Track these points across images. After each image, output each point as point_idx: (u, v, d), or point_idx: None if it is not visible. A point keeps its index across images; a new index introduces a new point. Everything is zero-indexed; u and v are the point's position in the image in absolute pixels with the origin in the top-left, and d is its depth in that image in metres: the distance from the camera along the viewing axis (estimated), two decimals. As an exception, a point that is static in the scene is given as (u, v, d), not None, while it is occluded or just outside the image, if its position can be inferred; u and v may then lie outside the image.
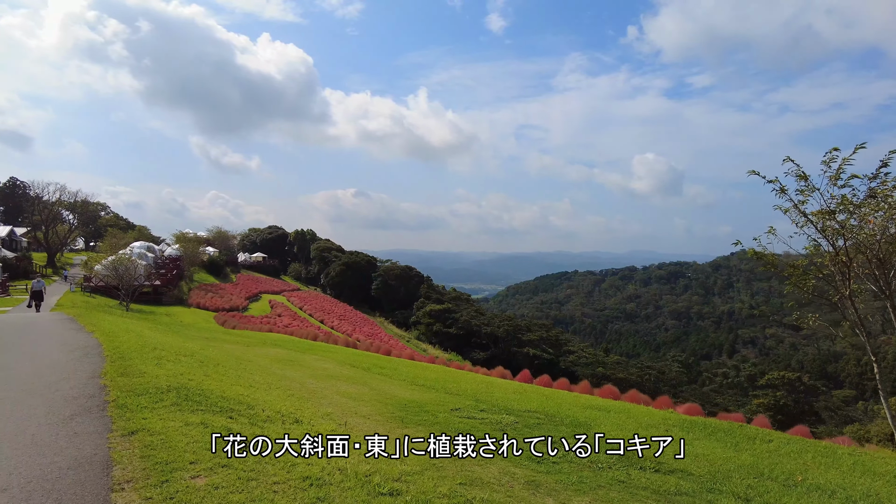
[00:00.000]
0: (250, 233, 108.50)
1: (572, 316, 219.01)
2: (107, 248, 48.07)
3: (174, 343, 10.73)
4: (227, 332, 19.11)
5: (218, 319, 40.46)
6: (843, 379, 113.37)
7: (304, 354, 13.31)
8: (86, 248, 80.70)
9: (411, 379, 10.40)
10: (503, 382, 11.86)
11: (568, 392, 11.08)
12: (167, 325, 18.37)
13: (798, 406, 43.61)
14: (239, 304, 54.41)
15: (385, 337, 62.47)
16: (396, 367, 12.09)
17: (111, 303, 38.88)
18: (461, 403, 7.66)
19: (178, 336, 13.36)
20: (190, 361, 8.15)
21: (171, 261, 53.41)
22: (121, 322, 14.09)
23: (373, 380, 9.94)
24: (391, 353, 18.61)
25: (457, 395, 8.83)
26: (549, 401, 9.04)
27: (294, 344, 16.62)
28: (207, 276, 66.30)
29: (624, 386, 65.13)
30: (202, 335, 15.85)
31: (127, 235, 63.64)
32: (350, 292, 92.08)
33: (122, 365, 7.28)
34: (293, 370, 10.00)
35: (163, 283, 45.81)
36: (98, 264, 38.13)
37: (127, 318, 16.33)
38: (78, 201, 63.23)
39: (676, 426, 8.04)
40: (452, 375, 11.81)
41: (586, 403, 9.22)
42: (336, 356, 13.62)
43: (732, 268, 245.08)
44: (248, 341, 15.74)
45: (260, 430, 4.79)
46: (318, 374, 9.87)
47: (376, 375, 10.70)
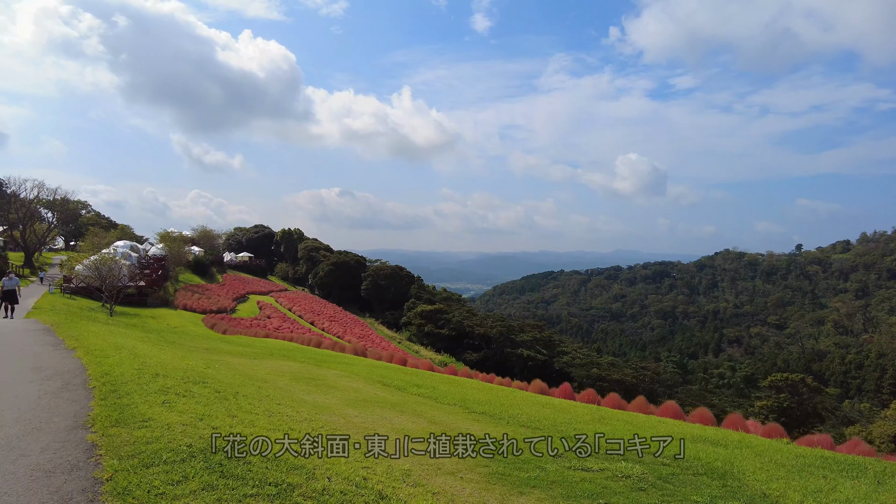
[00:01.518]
0: (236, 232, 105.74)
1: (559, 315, 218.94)
2: (88, 248, 45.47)
3: (175, 361, 8.88)
4: (223, 340, 17.17)
5: (206, 322, 38.36)
6: (829, 377, 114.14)
7: (321, 368, 11.52)
8: (66, 248, 77.52)
9: (461, 402, 8.73)
10: (569, 404, 10.25)
11: (654, 417, 9.49)
12: (157, 332, 16.20)
13: (801, 408, 42.83)
14: (226, 306, 52.29)
15: (376, 338, 60.83)
16: (434, 385, 10.41)
17: (93, 305, 36.51)
18: (551, 442, 6.04)
19: (174, 349, 11.43)
20: (204, 393, 6.36)
21: (156, 261, 50.94)
22: (107, 333, 12.06)
23: (419, 405, 8.26)
24: (406, 363, 16.92)
25: (533, 427, 7.19)
26: (642, 430, 7.45)
27: (303, 354, 14.77)
28: (193, 277, 63.83)
29: (620, 388, 64.29)
30: (199, 344, 13.91)
31: (109, 234, 60.88)
32: (339, 293, 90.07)
33: (117, 405, 5.43)
34: (322, 394, 8.26)
35: (148, 284, 43.42)
36: (79, 264, 35.70)
37: (113, 326, 14.18)
38: (57, 199, 60.33)
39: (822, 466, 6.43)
40: (502, 396, 10.15)
41: (694, 434, 7.64)
42: (357, 370, 11.88)
43: (717, 267, 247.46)
44: (252, 351, 13.86)
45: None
46: (353, 398, 8.16)
47: (417, 398, 9.00)
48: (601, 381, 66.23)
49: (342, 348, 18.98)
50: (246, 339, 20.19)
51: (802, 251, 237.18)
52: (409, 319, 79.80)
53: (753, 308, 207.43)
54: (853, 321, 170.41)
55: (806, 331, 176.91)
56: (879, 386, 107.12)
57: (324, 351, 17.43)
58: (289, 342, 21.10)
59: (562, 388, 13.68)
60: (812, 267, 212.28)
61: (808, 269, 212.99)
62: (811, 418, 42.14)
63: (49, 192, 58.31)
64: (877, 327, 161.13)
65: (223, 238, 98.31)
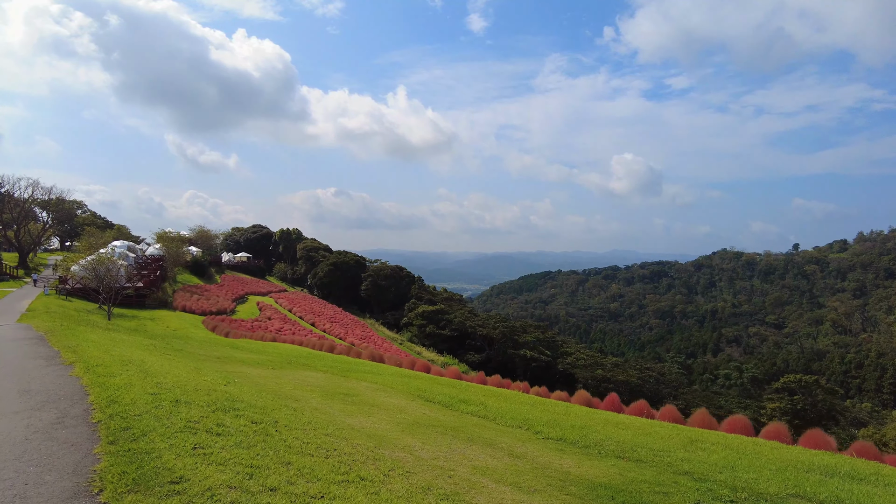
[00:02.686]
0: (233, 232, 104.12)
1: (557, 315, 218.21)
2: (84, 248, 43.91)
3: (191, 377, 7.46)
4: (232, 345, 15.79)
5: (207, 324, 36.94)
6: (828, 377, 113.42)
7: (349, 380, 10.19)
8: (61, 248, 75.80)
9: (524, 423, 7.45)
10: (644, 423, 8.93)
11: (746, 439, 8.24)
12: (162, 338, 14.71)
13: (815, 410, 41.78)
14: (226, 307, 50.86)
15: (378, 340, 59.56)
16: (482, 402, 9.09)
17: (90, 306, 35.05)
18: (672, 481, 4.79)
19: (185, 359, 9.98)
20: (240, 427, 5.01)
21: (154, 261, 49.45)
22: (109, 342, 10.38)
23: (481, 429, 6.97)
24: (430, 370, 15.61)
25: (635, 459, 5.92)
26: (757, 459, 6.22)
27: (321, 361, 13.41)
28: (191, 277, 62.30)
29: (625, 389, 63.19)
30: (209, 352, 12.50)
31: (105, 234, 59.31)
32: (338, 293, 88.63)
33: (133, 452, 4.15)
34: (367, 416, 6.96)
35: (146, 285, 41.93)
36: (75, 265, 34.20)
37: (113, 333, 12.57)
38: (52, 199, 58.71)
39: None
40: (562, 414, 8.84)
41: (803, 463, 6.38)
42: (386, 380, 10.56)
43: (714, 267, 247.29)
44: (267, 359, 12.48)
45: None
46: (403, 421, 6.88)
47: (473, 418, 7.70)
48: (606, 383, 65.10)
49: (358, 354, 17.65)
50: (255, 343, 18.80)
51: (800, 251, 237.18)
52: (409, 320, 78.47)
53: (751, 308, 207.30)
54: (851, 321, 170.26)
55: (804, 330, 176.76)
56: (880, 385, 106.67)
57: (341, 357, 16.08)
58: (300, 346, 19.70)
59: (609, 398, 12.44)
60: (810, 266, 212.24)
61: (805, 268, 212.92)
62: (825, 420, 41.11)
63: (44, 191, 56.74)
64: (875, 327, 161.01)
65: (221, 238, 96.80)
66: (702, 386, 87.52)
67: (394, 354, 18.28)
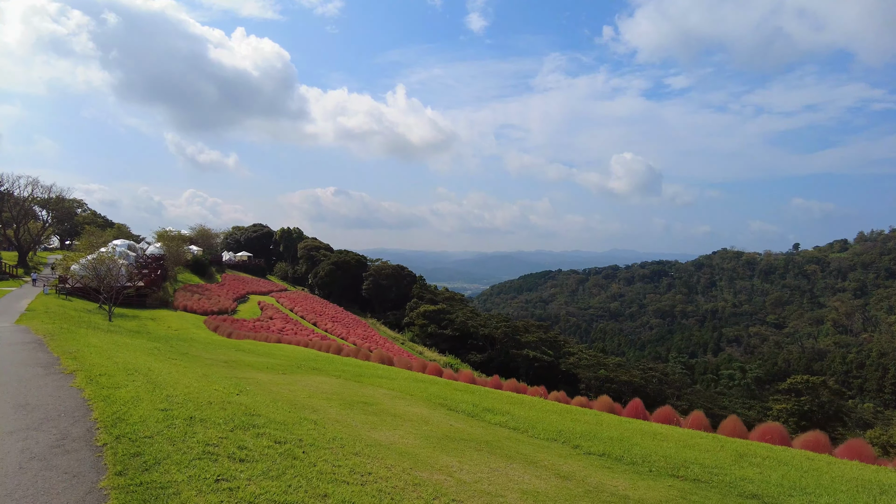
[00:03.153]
0: (234, 231, 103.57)
1: (557, 315, 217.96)
2: (84, 247, 43.31)
3: (202, 387, 6.80)
4: (237, 348, 15.20)
5: (209, 325, 36.42)
6: (829, 377, 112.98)
7: (364, 386, 9.60)
8: (61, 247, 75.19)
9: (560, 436, 6.88)
10: (683, 434, 8.29)
11: (801, 452, 7.61)
12: (165, 340, 14.11)
13: (822, 411, 41.26)
14: (227, 307, 50.36)
15: (380, 339, 59.14)
16: (507, 410, 8.51)
17: (90, 306, 34.51)
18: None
19: (193, 364, 9.34)
20: (264, 450, 4.40)
21: (154, 260, 48.88)
22: (111, 347, 9.72)
23: (515, 442, 6.43)
24: (442, 374, 15.04)
25: (691, 479, 5.38)
26: (818, 479, 5.68)
27: (331, 365, 12.82)
28: (192, 277, 61.74)
29: (629, 390, 62.68)
30: (216, 355, 11.91)
31: (105, 233, 58.72)
32: (339, 292, 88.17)
33: (146, 487, 3.58)
34: (391, 428, 6.40)
35: (146, 285, 41.36)
36: (75, 264, 33.64)
37: (115, 335, 11.90)
38: (52, 197, 58.09)
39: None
40: (596, 424, 8.24)
41: (872, 482, 5.84)
42: (403, 386, 9.98)
43: (715, 266, 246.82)
44: (276, 363, 11.89)
45: None
46: (431, 434, 6.32)
47: (504, 430, 7.14)
48: (609, 383, 64.62)
49: (366, 356, 17.06)
50: (260, 345, 18.23)
51: (800, 250, 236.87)
52: (411, 320, 78.01)
53: (752, 307, 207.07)
54: (852, 320, 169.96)
55: (805, 330, 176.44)
56: (881, 385, 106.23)
57: (351, 360, 15.48)
58: (306, 348, 19.12)
59: (633, 404, 11.87)
60: (810, 266, 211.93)
61: (806, 268, 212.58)
62: (832, 422, 40.61)
63: (43, 189, 56.13)
64: (876, 326, 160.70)
65: (221, 237, 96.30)
66: (703, 385, 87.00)
67: (400, 356, 17.68)
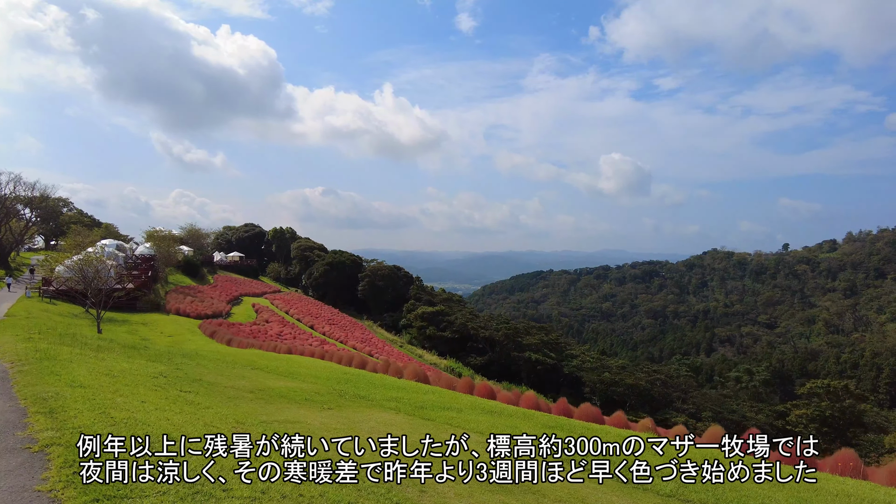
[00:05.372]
0: (225, 231, 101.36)
1: (549, 315, 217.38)
2: (70, 247, 41.25)
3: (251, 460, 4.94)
4: (252, 364, 13.18)
5: (204, 330, 34.68)
6: (824, 377, 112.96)
7: (438, 426, 7.56)
8: (46, 247, 72.67)
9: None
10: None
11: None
12: (167, 356, 11.96)
13: (844, 417, 40.26)
14: (221, 310, 48.56)
15: (378, 343, 57.67)
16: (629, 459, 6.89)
17: (76, 310, 32.60)
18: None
19: (216, 402, 7.42)
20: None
21: (144, 261, 46.91)
22: (104, 386, 7.30)
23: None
24: (496, 397, 13.33)
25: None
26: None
27: (377, 390, 10.80)
28: (183, 278, 59.72)
29: (634, 393, 61.55)
30: (232, 380, 9.95)
31: (93, 233, 56.46)
32: (334, 293, 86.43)
33: None
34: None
35: (137, 287, 39.44)
36: (59, 265, 31.66)
37: (108, 360, 9.08)
38: (36, 195, 55.76)
39: None
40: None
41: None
42: (480, 423, 8.21)
43: (706, 266, 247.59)
44: (312, 389, 9.83)
45: None
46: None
47: (657, 497, 5.67)
48: (614, 386, 63.55)
49: (399, 372, 15.34)
50: (274, 359, 16.30)
51: (790, 250, 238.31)
52: (408, 322, 76.51)
53: (744, 307, 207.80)
54: (843, 320, 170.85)
55: (796, 330, 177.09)
56: (876, 386, 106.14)
57: (391, 381, 13.42)
58: (328, 362, 17.40)
59: (711, 432, 10.47)
60: (800, 266, 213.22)
61: (796, 268, 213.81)
62: (853, 427, 39.63)
63: (27, 186, 53.87)
64: (867, 326, 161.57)
65: (212, 237, 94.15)
66: (709, 388, 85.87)
67: (437, 375, 15.88)
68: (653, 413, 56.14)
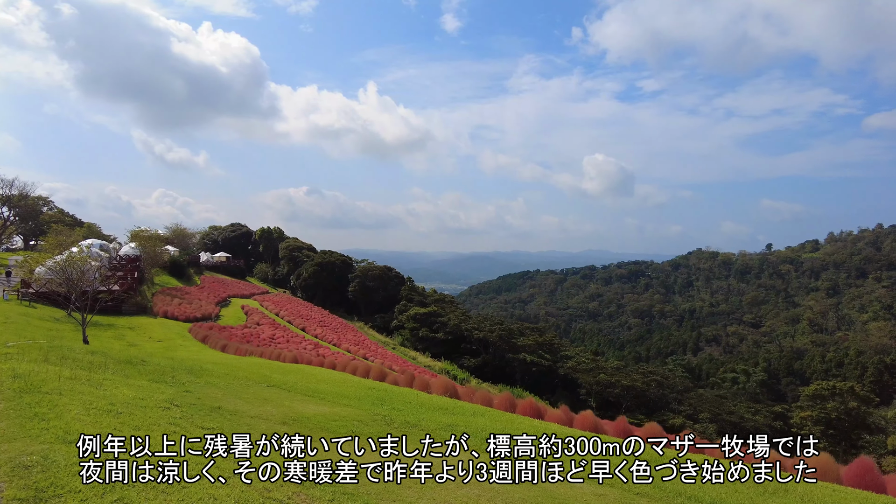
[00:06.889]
0: (211, 231, 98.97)
1: (536, 315, 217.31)
2: (51, 247, 39.24)
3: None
4: (266, 379, 11.70)
5: (195, 334, 33.07)
6: (809, 376, 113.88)
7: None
8: (25, 247, 69.98)
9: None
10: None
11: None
12: (172, 375, 10.29)
13: (850, 419, 39.85)
14: (210, 312, 46.83)
15: (372, 345, 56.38)
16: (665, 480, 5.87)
17: (58, 313, 30.75)
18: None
19: (232, 420, 6.47)
20: None
21: (130, 261, 45.00)
22: (105, 419, 5.52)
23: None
24: (517, 408, 12.24)
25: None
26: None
27: (425, 412, 9.78)
28: (169, 279, 57.71)
29: (630, 395, 60.96)
30: (254, 404, 8.39)
31: (74, 233, 54.26)
32: (324, 294, 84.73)
33: None
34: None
35: (122, 289, 37.62)
36: (40, 266, 29.84)
37: (104, 384, 7.11)
38: (14, 193, 53.46)
39: None
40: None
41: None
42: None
43: (692, 267, 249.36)
44: (343, 415, 8.81)
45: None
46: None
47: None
48: (610, 388, 62.90)
49: (426, 386, 14.01)
50: (285, 370, 14.78)
51: (773, 251, 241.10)
52: (400, 323, 75.22)
53: (729, 307, 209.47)
54: (826, 319, 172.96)
55: (781, 329, 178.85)
56: (861, 384, 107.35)
57: (431, 399, 11.87)
58: (343, 373, 16.06)
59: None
60: (784, 266, 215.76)
61: (780, 268, 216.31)
62: (858, 429, 39.26)
63: (4, 184, 51.63)
64: (850, 325, 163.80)
65: (197, 237, 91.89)
66: (705, 388, 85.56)
67: (468, 391, 14.54)
68: (650, 415, 55.57)
